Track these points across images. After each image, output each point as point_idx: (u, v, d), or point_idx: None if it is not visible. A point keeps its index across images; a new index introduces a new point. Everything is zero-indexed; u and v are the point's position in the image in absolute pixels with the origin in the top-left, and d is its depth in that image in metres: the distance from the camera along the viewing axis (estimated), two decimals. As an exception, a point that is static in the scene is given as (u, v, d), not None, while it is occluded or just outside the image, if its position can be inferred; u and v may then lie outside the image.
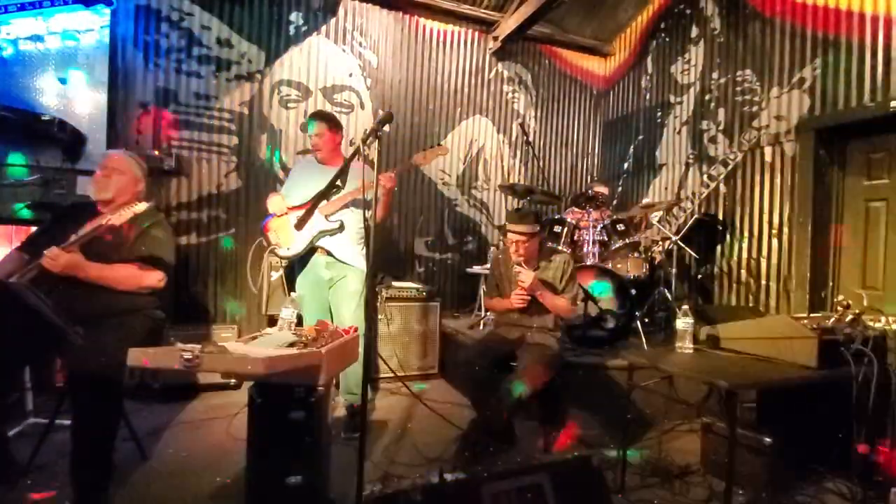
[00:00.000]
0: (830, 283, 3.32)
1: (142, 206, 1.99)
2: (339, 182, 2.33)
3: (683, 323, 2.12)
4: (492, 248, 4.41)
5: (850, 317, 2.05)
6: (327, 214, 2.52)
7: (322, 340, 1.64)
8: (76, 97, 3.42)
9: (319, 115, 2.74)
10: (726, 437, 2.18)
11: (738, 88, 3.77)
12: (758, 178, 3.62)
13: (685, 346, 2.12)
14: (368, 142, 1.67)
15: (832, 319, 2.05)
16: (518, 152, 4.80)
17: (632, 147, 4.76)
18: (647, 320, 3.64)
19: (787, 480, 2.15)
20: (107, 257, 2.02)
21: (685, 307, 2.12)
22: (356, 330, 1.88)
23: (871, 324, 2.15)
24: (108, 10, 3.46)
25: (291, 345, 1.55)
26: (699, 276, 3.94)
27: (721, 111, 3.91)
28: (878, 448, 2.03)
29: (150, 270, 2.07)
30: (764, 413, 2.42)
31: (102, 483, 1.84)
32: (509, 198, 4.64)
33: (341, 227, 2.52)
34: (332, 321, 2.63)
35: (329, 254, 2.56)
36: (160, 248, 2.13)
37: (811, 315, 2.35)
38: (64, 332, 1.67)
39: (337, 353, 1.62)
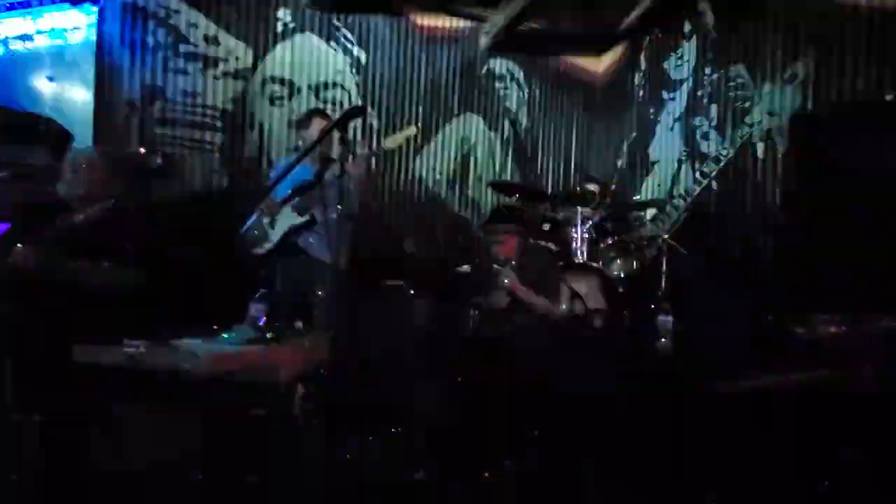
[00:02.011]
0: (826, 282, 3.25)
1: (107, 203, 1.97)
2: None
3: (664, 321, 2.08)
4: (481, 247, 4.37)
5: (841, 315, 2.00)
6: (298, 210, 2.50)
7: (287, 337, 1.62)
8: (63, 95, 3.43)
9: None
10: (715, 440, 2.15)
11: (731, 84, 3.72)
12: (750, 174, 3.57)
13: (665, 343, 2.08)
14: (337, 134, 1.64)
15: (823, 319, 2.00)
16: (510, 150, 4.76)
17: (625, 144, 4.70)
18: (637, 319, 3.59)
19: (780, 485, 2.09)
20: (78, 255, 2.01)
21: (665, 305, 2.09)
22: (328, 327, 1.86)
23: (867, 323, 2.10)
24: (95, 9, 3.47)
25: (253, 342, 1.53)
26: (692, 275, 3.88)
27: (713, 107, 3.86)
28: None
29: (123, 268, 2.06)
30: (758, 414, 2.37)
31: (71, 480, 1.83)
32: (501, 196, 4.59)
33: (313, 222, 2.49)
34: (312, 319, 2.62)
35: (304, 252, 2.54)
36: (133, 246, 2.12)
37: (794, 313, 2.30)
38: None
39: (301, 350, 1.59)
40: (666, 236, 3.64)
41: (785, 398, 1.82)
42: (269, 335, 1.65)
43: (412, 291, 3.71)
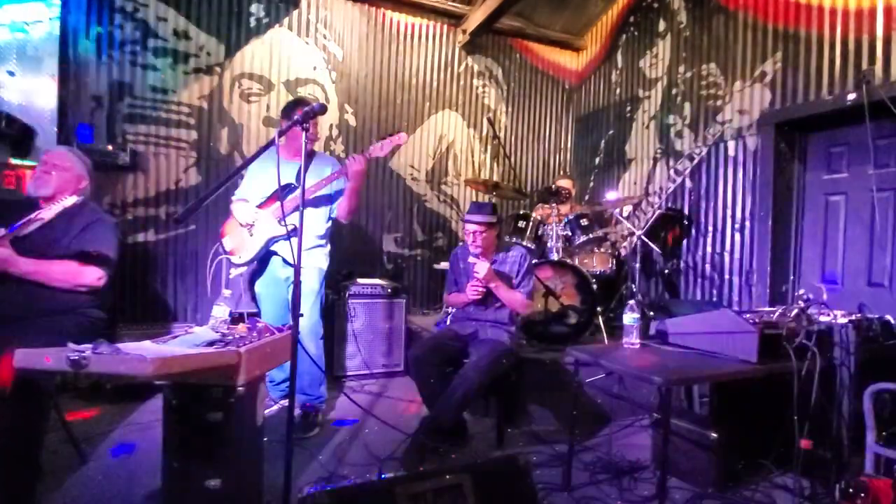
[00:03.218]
0: (791, 277, 3.33)
1: (70, 200, 1.92)
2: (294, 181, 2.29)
3: (630, 318, 2.10)
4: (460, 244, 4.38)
5: (795, 311, 2.04)
6: (279, 217, 2.45)
7: (247, 339, 1.59)
8: (25, 91, 3.32)
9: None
10: (677, 434, 2.18)
11: (703, 82, 3.76)
12: (721, 172, 3.62)
13: (632, 341, 2.10)
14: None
15: (777, 314, 2.04)
16: (488, 147, 4.76)
17: (602, 142, 4.74)
18: (612, 315, 3.63)
19: (734, 475, 2.14)
20: (41, 254, 1.96)
21: (631, 302, 2.10)
22: (288, 329, 1.83)
23: (819, 318, 2.14)
24: (57, 1, 3.36)
25: (211, 344, 1.50)
26: (666, 272, 3.94)
27: (687, 105, 3.89)
28: (822, 443, 2.02)
29: (88, 267, 2.01)
30: (716, 408, 2.41)
31: (29, 487, 1.79)
32: (479, 193, 4.60)
33: (294, 232, 2.43)
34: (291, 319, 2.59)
35: (285, 258, 2.50)
36: (99, 245, 2.06)
37: (758, 309, 2.34)
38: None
39: (261, 352, 1.57)
40: (640, 233, 3.68)
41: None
42: (233, 336, 1.62)
43: (390, 291, 3.71)
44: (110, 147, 3.44)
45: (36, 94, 3.33)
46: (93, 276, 2.02)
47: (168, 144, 3.66)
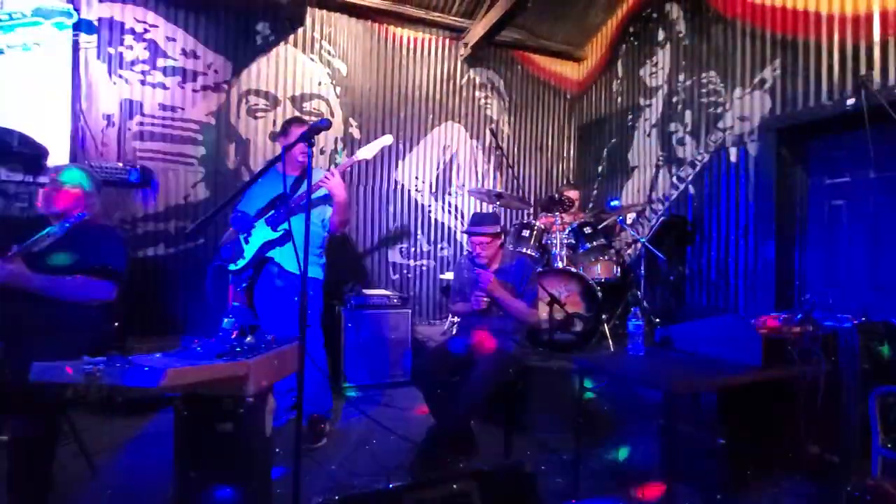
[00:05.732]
0: (796, 282, 3.32)
1: (79, 217, 1.97)
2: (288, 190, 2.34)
3: (634, 325, 2.11)
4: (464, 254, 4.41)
5: (799, 315, 2.05)
6: (273, 225, 2.51)
7: (256, 350, 1.62)
8: (38, 110, 3.41)
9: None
10: (685, 439, 2.18)
11: (703, 90, 3.79)
12: (724, 178, 3.63)
13: (637, 347, 2.11)
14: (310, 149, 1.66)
15: (781, 318, 2.05)
16: (492, 157, 4.80)
17: (605, 150, 4.77)
18: (617, 322, 3.63)
19: (742, 481, 2.13)
20: (53, 269, 2.00)
21: (634, 309, 2.12)
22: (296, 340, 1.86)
23: (824, 322, 2.15)
24: (69, 23, 3.47)
25: (220, 355, 1.53)
26: (671, 278, 3.94)
27: (688, 113, 3.93)
28: (829, 447, 2.02)
29: (98, 282, 2.06)
30: (723, 414, 2.41)
31: (40, 499, 1.82)
32: (484, 203, 4.64)
33: (288, 237, 2.49)
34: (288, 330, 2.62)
35: (279, 265, 2.54)
36: (108, 260, 2.11)
37: (763, 314, 2.34)
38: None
39: (269, 363, 1.60)
40: (645, 240, 3.70)
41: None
42: (242, 347, 1.65)
43: (395, 301, 3.74)
44: (121, 164, 3.52)
45: (48, 113, 3.43)
46: (103, 290, 2.06)
47: (177, 161, 3.74)
